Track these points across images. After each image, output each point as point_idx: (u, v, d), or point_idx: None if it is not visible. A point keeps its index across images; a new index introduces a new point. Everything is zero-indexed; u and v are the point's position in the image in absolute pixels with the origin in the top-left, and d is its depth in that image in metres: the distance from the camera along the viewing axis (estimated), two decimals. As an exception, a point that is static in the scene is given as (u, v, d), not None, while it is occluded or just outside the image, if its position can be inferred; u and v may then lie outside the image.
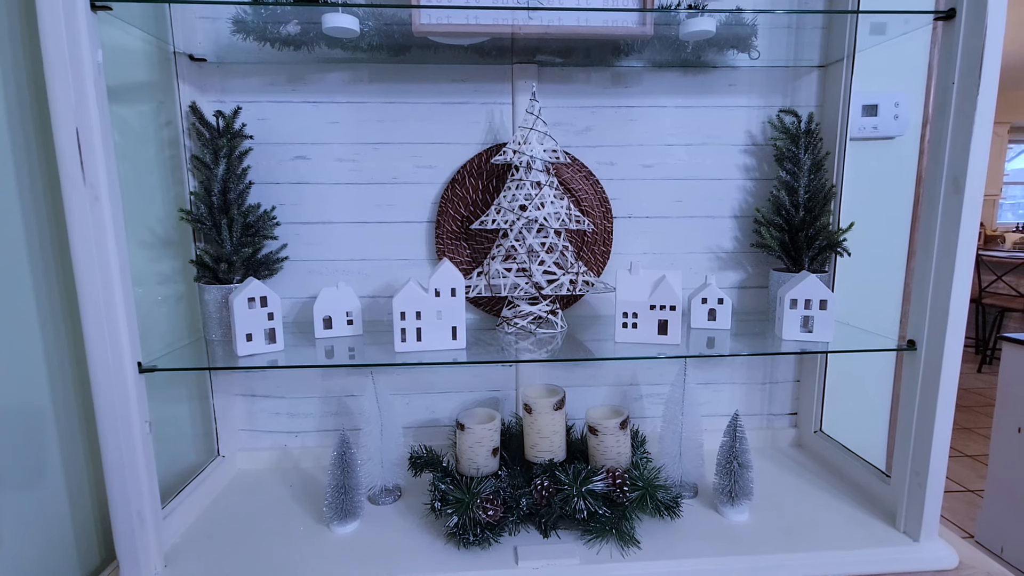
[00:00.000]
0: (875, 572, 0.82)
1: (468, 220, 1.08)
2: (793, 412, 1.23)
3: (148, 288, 0.96)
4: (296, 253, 1.09)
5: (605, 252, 1.12)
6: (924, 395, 0.83)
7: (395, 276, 1.11)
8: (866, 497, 0.99)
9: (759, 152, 1.12)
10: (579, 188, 1.09)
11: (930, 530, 0.86)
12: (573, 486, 0.87)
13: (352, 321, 0.99)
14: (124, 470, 0.75)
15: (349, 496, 0.90)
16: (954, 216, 0.78)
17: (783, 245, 1.05)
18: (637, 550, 0.85)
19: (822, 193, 1.03)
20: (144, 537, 0.77)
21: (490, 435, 0.93)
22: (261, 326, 0.87)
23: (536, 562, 0.82)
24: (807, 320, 0.93)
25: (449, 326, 0.89)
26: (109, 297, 0.72)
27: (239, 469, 1.13)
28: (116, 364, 0.74)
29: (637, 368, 1.19)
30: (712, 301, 1.00)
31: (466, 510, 0.85)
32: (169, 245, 1.01)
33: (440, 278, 0.88)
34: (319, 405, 1.15)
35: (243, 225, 0.96)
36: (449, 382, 1.16)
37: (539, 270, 0.97)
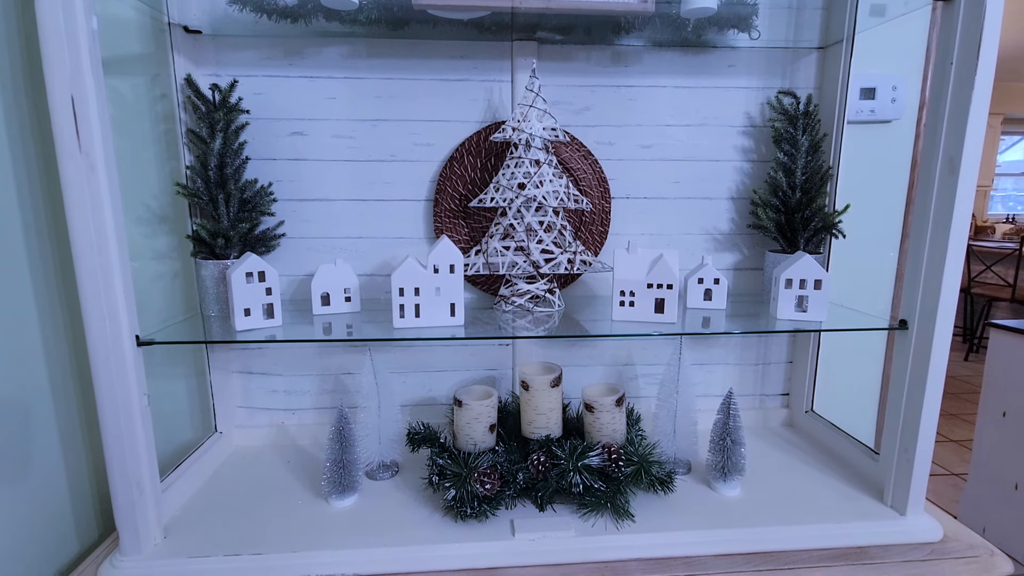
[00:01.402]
0: (863, 544, 0.85)
1: (466, 198, 1.08)
2: (785, 393, 1.25)
3: (144, 264, 0.95)
4: (293, 230, 1.08)
5: (603, 232, 1.12)
6: (914, 373, 0.85)
7: (393, 254, 1.11)
8: (855, 474, 1.01)
9: (757, 134, 1.12)
10: (577, 168, 1.09)
11: (916, 505, 0.88)
12: (569, 461, 0.88)
13: (350, 298, 0.99)
14: (123, 442, 0.75)
15: (347, 471, 0.90)
16: (948, 197, 0.79)
17: (779, 226, 1.06)
18: (631, 523, 0.86)
19: (819, 175, 1.03)
20: (143, 508, 0.78)
21: (487, 411, 0.94)
22: (259, 301, 0.87)
23: (532, 534, 0.83)
24: (801, 300, 0.94)
25: (447, 303, 0.89)
26: (106, 269, 0.72)
27: (236, 446, 1.13)
28: (114, 337, 0.74)
29: (633, 348, 1.20)
30: (708, 281, 1.00)
31: (463, 483, 0.86)
32: (164, 221, 1.00)
33: (439, 254, 0.88)
34: (316, 383, 1.15)
35: (240, 200, 0.96)
36: (446, 361, 1.17)
37: (537, 248, 0.97)
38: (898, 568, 0.80)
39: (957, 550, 0.84)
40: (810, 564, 0.81)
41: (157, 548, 0.80)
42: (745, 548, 0.83)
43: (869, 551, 0.83)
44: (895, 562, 0.81)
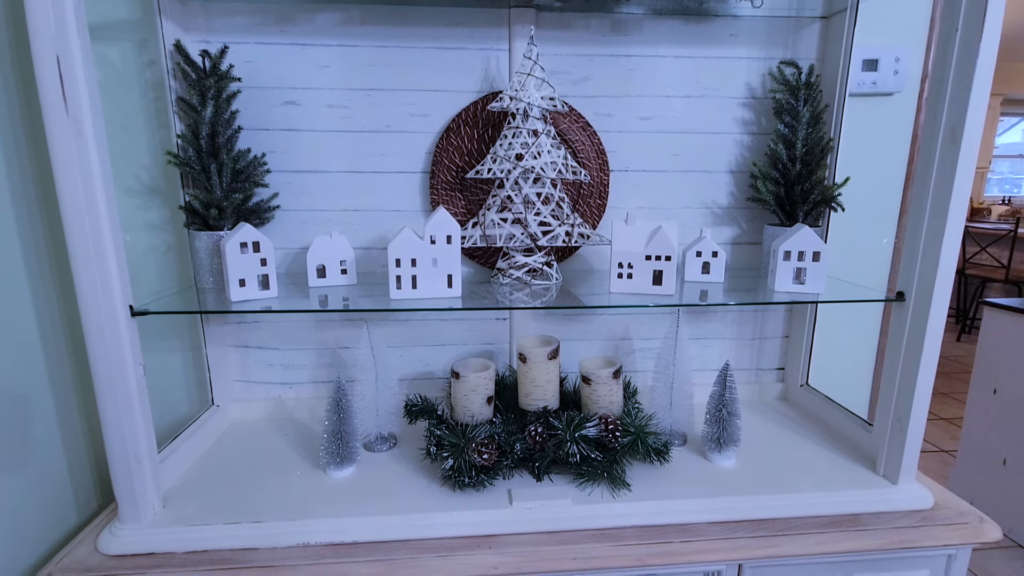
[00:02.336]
0: (855, 512, 0.86)
1: (463, 170, 1.07)
2: (780, 367, 1.26)
3: (136, 236, 0.94)
4: (287, 202, 1.07)
5: (601, 205, 1.11)
6: (910, 344, 0.85)
7: (389, 227, 1.10)
8: (848, 445, 1.02)
9: (757, 106, 1.11)
10: (576, 139, 1.07)
11: (908, 474, 0.89)
12: (566, 431, 0.89)
13: (346, 271, 0.98)
14: (120, 412, 0.75)
15: (345, 442, 0.91)
16: (950, 167, 0.78)
17: (778, 199, 1.05)
18: (627, 492, 0.87)
19: (819, 147, 1.03)
20: (142, 478, 0.78)
21: (485, 383, 0.94)
22: (254, 272, 0.86)
23: (530, 503, 0.84)
24: (799, 272, 0.94)
25: (444, 274, 0.89)
26: (98, 237, 0.71)
27: (234, 419, 1.13)
28: (108, 307, 0.73)
29: (630, 322, 1.20)
30: (707, 254, 1.00)
31: (461, 453, 0.86)
32: (156, 193, 0.99)
33: (435, 225, 0.87)
34: (313, 357, 1.15)
35: (233, 171, 0.94)
36: (444, 335, 1.16)
37: (535, 221, 0.96)
38: (889, 534, 0.82)
39: (947, 517, 0.85)
40: (803, 531, 0.82)
41: (156, 517, 0.81)
42: (740, 516, 0.85)
43: (861, 518, 0.85)
44: (886, 528, 0.83)
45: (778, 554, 0.80)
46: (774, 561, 0.81)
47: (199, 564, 0.74)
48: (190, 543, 0.77)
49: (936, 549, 0.83)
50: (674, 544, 0.80)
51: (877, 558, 0.83)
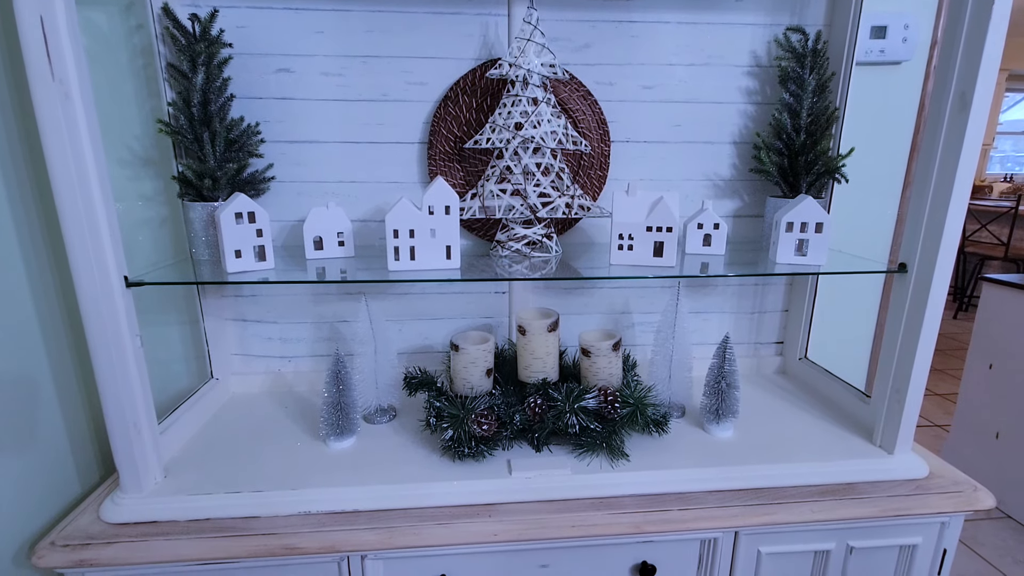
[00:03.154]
0: (851, 481, 0.87)
1: (461, 141, 1.05)
2: (779, 341, 1.26)
3: (130, 207, 0.92)
4: (283, 173, 1.05)
5: (601, 177, 1.09)
6: (911, 315, 0.85)
7: (386, 199, 1.08)
8: (846, 416, 1.03)
9: (762, 74, 1.09)
10: (576, 109, 1.05)
11: (904, 444, 0.90)
12: (566, 403, 0.89)
13: (343, 243, 0.97)
14: (118, 383, 0.75)
15: (345, 413, 0.91)
16: (958, 134, 0.76)
17: (781, 170, 1.03)
18: (626, 462, 0.88)
19: (824, 116, 1.01)
20: (142, 448, 0.78)
21: (484, 355, 0.94)
22: (250, 243, 0.85)
23: (529, 472, 0.85)
24: (801, 244, 0.93)
25: (443, 245, 0.88)
26: (89, 206, 0.69)
27: (233, 392, 1.13)
28: (102, 278, 0.72)
29: (630, 295, 1.19)
30: (708, 226, 0.99)
31: (461, 424, 0.86)
32: (149, 164, 0.97)
33: (433, 195, 0.85)
34: (311, 330, 1.15)
35: (226, 140, 0.92)
36: (442, 308, 1.16)
37: (534, 192, 0.95)
38: (884, 502, 0.83)
39: (942, 486, 0.86)
40: (799, 499, 0.83)
41: (158, 486, 0.81)
42: (737, 485, 0.85)
43: (857, 487, 0.86)
44: (881, 496, 0.84)
45: (774, 522, 0.81)
46: (770, 528, 0.82)
47: (202, 531, 0.75)
48: (192, 512, 0.78)
49: (930, 517, 0.85)
50: (672, 512, 0.81)
51: (871, 525, 0.84)
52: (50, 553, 0.71)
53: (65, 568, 0.72)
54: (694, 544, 0.84)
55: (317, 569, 0.78)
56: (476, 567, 0.81)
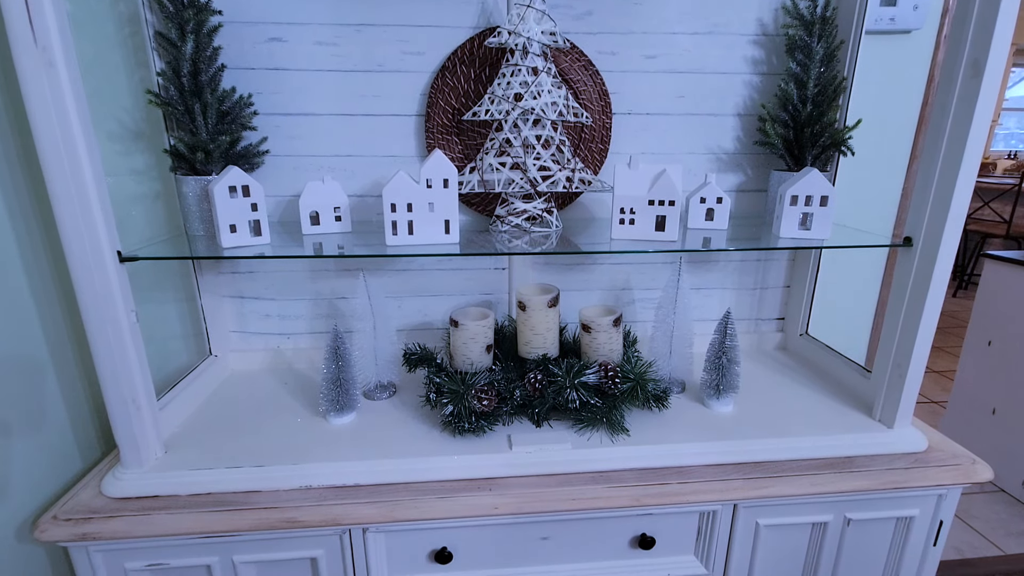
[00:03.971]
0: (850, 455, 0.87)
1: (460, 113, 1.02)
2: (780, 317, 1.25)
3: (122, 183, 0.90)
4: (277, 147, 1.03)
5: (603, 150, 1.07)
6: (915, 290, 0.84)
7: (383, 174, 1.06)
8: (846, 392, 1.03)
9: (769, 43, 1.05)
10: (577, 79, 1.02)
11: (904, 419, 0.90)
12: (566, 378, 0.89)
13: (340, 218, 0.95)
14: (115, 359, 0.74)
15: (344, 389, 0.91)
16: (969, 102, 0.74)
17: (787, 143, 1.01)
18: (626, 437, 0.88)
19: (832, 87, 0.98)
20: (141, 424, 0.78)
21: (484, 331, 0.93)
22: (245, 217, 0.83)
23: (529, 447, 0.85)
24: (806, 218, 0.91)
25: (441, 219, 0.86)
26: (79, 180, 0.68)
27: (232, 369, 1.13)
28: (95, 253, 0.71)
29: (631, 272, 1.18)
30: (711, 200, 0.97)
31: (461, 400, 0.86)
32: (140, 137, 0.95)
33: (431, 168, 0.84)
34: (310, 307, 1.14)
35: (218, 112, 0.90)
36: (442, 285, 1.15)
37: (534, 165, 0.93)
38: (883, 475, 0.83)
39: (940, 459, 0.87)
40: (798, 472, 0.83)
41: (159, 461, 0.81)
42: (736, 459, 0.86)
43: (856, 460, 0.86)
44: (880, 470, 0.84)
45: (773, 494, 0.81)
46: (768, 501, 0.83)
47: (203, 505, 0.75)
48: (193, 486, 0.78)
49: (927, 489, 0.85)
50: (671, 485, 0.81)
51: (869, 498, 0.85)
52: (52, 527, 0.71)
53: (68, 542, 0.72)
54: (693, 516, 0.85)
55: (319, 542, 0.78)
56: (477, 540, 0.82)
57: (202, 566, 0.78)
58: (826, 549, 0.88)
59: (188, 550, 0.77)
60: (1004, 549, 1.68)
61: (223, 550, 0.77)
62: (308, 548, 0.79)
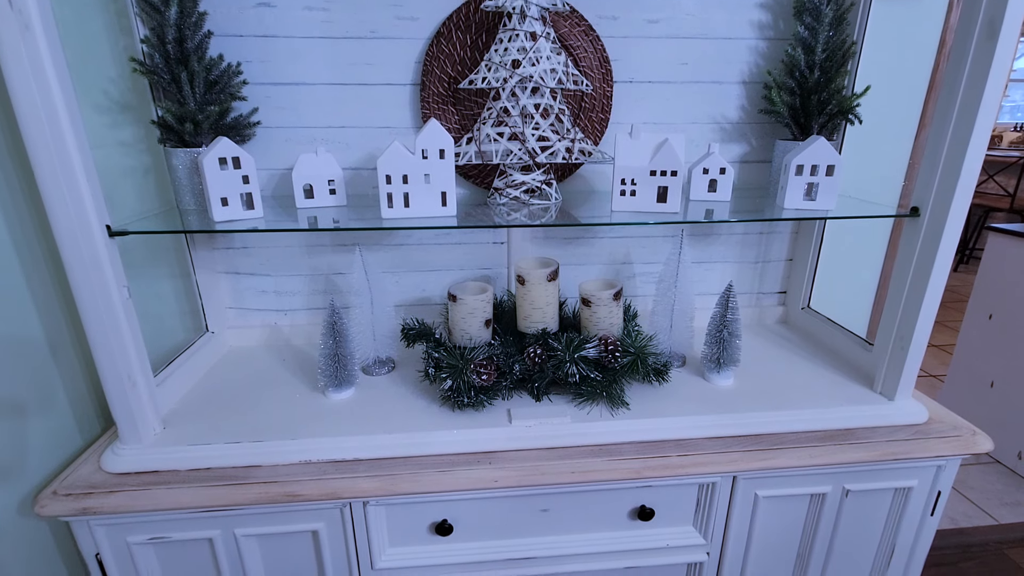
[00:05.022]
0: (850, 427, 0.87)
1: (456, 81, 0.99)
2: (782, 291, 1.24)
3: (110, 156, 0.88)
4: (268, 118, 1.00)
5: (603, 120, 1.04)
6: (920, 261, 0.83)
7: (378, 146, 1.04)
8: (847, 365, 1.02)
9: (776, 6, 1.02)
10: (577, 46, 0.99)
11: (905, 391, 0.90)
12: (566, 352, 0.88)
13: (335, 191, 0.93)
14: (108, 336, 0.73)
15: (342, 364, 0.90)
16: (984, 65, 0.72)
17: (792, 111, 0.98)
18: (626, 410, 0.88)
19: (841, 51, 0.95)
20: (138, 400, 0.77)
21: (483, 306, 0.92)
22: (236, 190, 0.81)
23: (529, 421, 0.85)
24: (811, 188, 0.89)
25: (438, 191, 0.84)
26: (62, 151, 0.66)
27: (230, 346, 1.12)
28: (83, 228, 0.69)
29: (631, 245, 1.17)
30: (714, 171, 0.95)
31: (460, 374, 0.86)
32: (127, 109, 0.92)
33: (427, 137, 0.81)
34: (307, 283, 1.13)
35: (206, 81, 0.87)
36: (439, 260, 1.13)
37: (533, 135, 0.90)
38: (882, 447, 0.83)
39: (940, 431, 0.87)
40: (798, 444, 0.83)
41: (157, 437, 0.81)
42: (736, 432, 0.85)
43: (856, 432, 0.86)
44: (880, 441, 0.84)
45: (772, 466, 0.81)
46: (768, 473, 0.83)
47: (203, 480, 0.75)
48: (193, 461, 0.78)
49: (927, 460, 0.85)
50: (671, 458, 0.81)
51: (869, 469, 0.85)
52: (52, 502, 0.71)
53: (68, 516, 0.72)
54: (692, 488, 0.85)
55: (320, 515, 0.79)
56: (477, 512, 0.83)
57: (204, 539, 0.78)
58: (824, 519, 0.89)
59: (190, 524, 0.77)
60: (998, 519, 1.70)
61: (224, 524, 0.78)
62: (309, 521, 0.79)
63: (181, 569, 0.81)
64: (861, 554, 0.93)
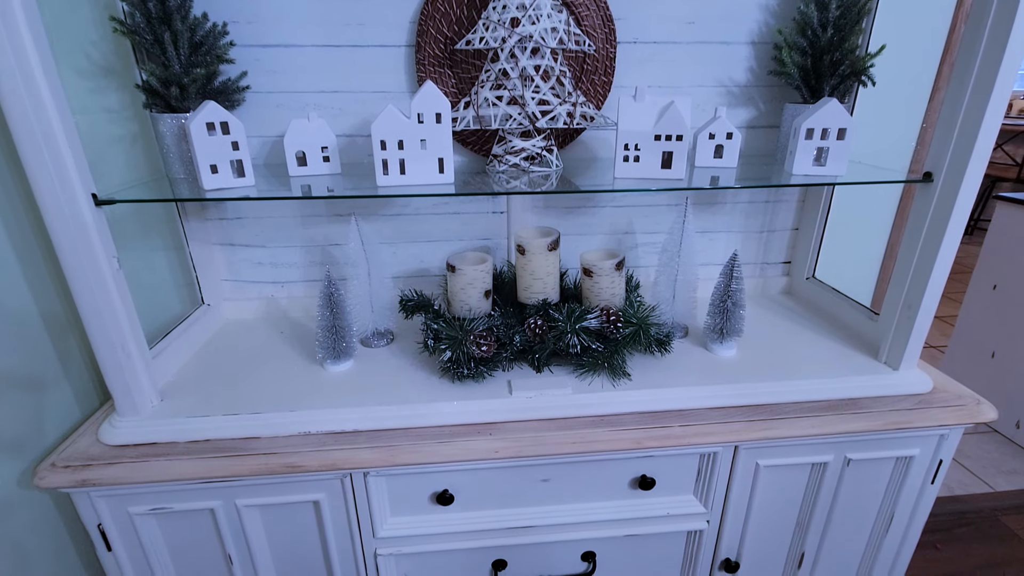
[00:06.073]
0: (853, 396, 0.86)
1: (453, 42, 0.95)
2: (787, 261, 1.22)
3: (95, 122, 0.85)
4: (258, 83, 0.96)
5: (606, 83, 1.00)
6: (932, 228, 0.81)
7: (372, 112, 1.00)
8: (852, 335, 1.01)
9: (788, -39, 0.97)
10: (579, 3, 0.94)
11: (911, 360, 0.89)
12: (567, 323, 0.87)
13: (328, 158, 0.90)
14: (99, 307, 0.72)
15: (340, 336, 0.89)
16: (1005, 24, 0.68)
17: (803, 72, 0.95)
18: (628, 381, 0.87)
19: (856, 8, 0.90)
20: (133, 372, 0.76)
21: (482, 276, 0.90)
22: (226, 156, 0.79)
23: (529, 392, 0.84)
24: (820, 153, 0.86)
25: (435, 157, 0.81)
26: (42, 116, 0.63)
27: (227, 318, 1.11)
28: (68, 197, 0.67)
29: (634, 215, 1.14)
30: (720, 136, 0.92)
31: (459, 346, 0.84)
32: (110, 73, 0.88)
33: (422, 100, 0.78)
34: (303, 254, 1.11)
35: (190, 42, 0.83)
36: (437, 230, 1.11)
37: (533, 99, 0.87)
38: (886, 416, 0.82)
39: (944, 400, 0.86)
40: (800, 414, 0.83)
41: (155, 409, 0.80)
42: (738, 402, 0.85)
43: (859, 402, 0.85)
44: (883, 411, 0.83)
45: (774, 436, 0.81)
46: (769, 443, 0.83)
47: (202, 452, 0.75)
48: (191, 433, 0.77)
49: (930, 429, 0.85)
50: (672, 428, 0.80)
51: (871, 438, 0.85)
52: (51, 474, 0.71)
53: (68, 488, 0.72)
54: (693, 458, 0.85)
55: (320, 486, 0.79)
56: (478, 482, 0.83)
57: (206, 510, 0.79)
58: (824, 488, 0.89)
59: (190, 495, 0.77)
60: (994, 487, 1.72)
61: (225, 494, 0.78)
62: (310, 492, 0.79)
63: (184, 538, 0.81)
64: (860, 521, 0.94)
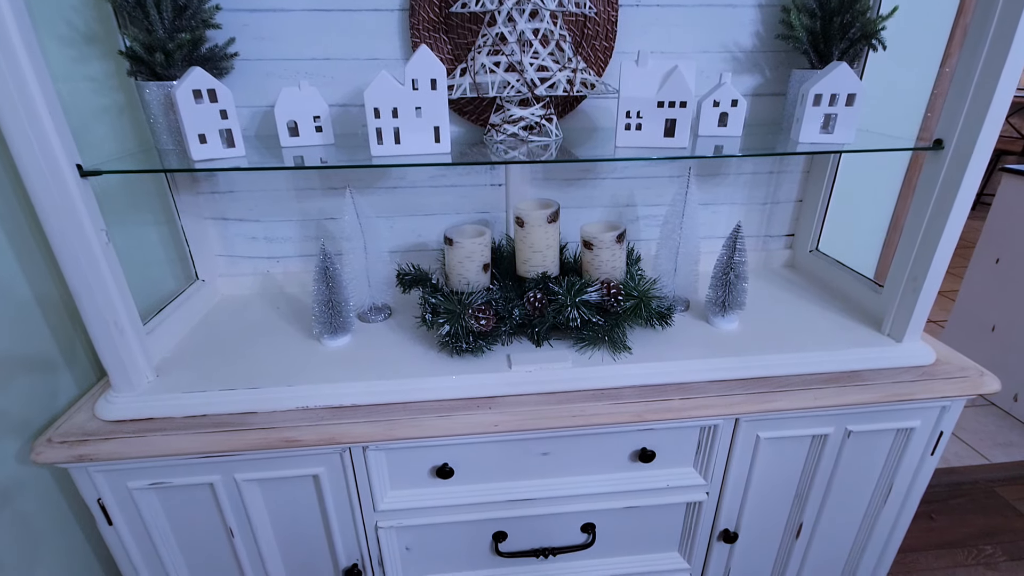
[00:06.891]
0: (856, 369, 0.86)
1: (448, 5, 0.91)
2: (790, 233, 1.20)
3: (79, 91, 0.82)
4: (246, 50, 0.93)
5: (607, 49, 0.97)
6: (941, 197, 0.79)
7: (365, 80, 0.97)
8: (855, 307, 1.00)
9: (799, -83, 0.92)
10: (580, -36, 0.90)
11: (914, 333, 0.88)
12: (567, 296, 0.85)
13: (321, 128, 0.88)
14: (89, 281, 0.70)
15: (337, 311, 0.87)
16: (1029, -24, 0.65)
17: (812, 35, 0.91)
18: (628, 355, 0.86)
19: (868, -33, 0.87)
20: (127, 347, 0.75)
21: (480, 249, 0.89)
22: (214, 125, 0.76)
23: (529, 366, 0.83)
24: (828, 120, 0.84)
25: (430, 126, 0.79)
26: (21, 84, 0.60)
27: (222, 294, 1.10)
28: (51, 169, 0.65)
29: (635, 187, 1.12)
30: (725, 103, 0.89)
31: (458, 320, 0.83)
32: (93, 41, 0.85)
33: (417, 66, 0.75)
34: (298, 229, 1.09)
35: (175, 6, 0.80)
36: (434, 203, 1.09)
37: (532, 65, 0.84)
38: (888, 388, 0.82)
39: (948, 372, 0.85)
40: (802, 387, 0.82)
41: (151, 385, 0.80)
42: (739, 375, 0.84)
43: (862, 374, 0.85)
44: (886, 383, 0.83)
45: (775, 408, 0.81)
46: (770, 415, 0.82)
47: (200, 427, 0.74)
48: (188, 408, 0.77)
49: (932, 401, 0.84)
50: (673, 401, 0.80)
51: (872, 411, 0.84)
52: (48, 450, 0.71)
53: (65, 463, 0.72)
54: (694, 431, 0.85)
55: (319, 460, 0.78)
56: (478, 456, 0.82)
57: (205, 484, 0.79)
58: (824, 460, 0.89)
59: (189, 469, 0.77)
60: (990, 459, 1.74)
61: (224, 469, 0.77)
62: (309, 466, 0.79)
63: (184, 513, 0.81)
64: (859, 493, 0.94)
